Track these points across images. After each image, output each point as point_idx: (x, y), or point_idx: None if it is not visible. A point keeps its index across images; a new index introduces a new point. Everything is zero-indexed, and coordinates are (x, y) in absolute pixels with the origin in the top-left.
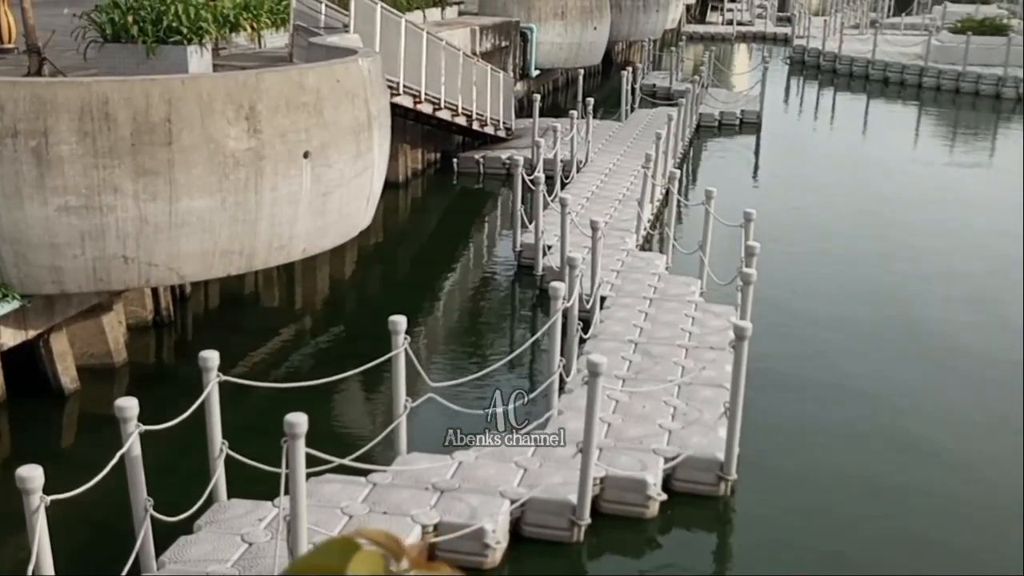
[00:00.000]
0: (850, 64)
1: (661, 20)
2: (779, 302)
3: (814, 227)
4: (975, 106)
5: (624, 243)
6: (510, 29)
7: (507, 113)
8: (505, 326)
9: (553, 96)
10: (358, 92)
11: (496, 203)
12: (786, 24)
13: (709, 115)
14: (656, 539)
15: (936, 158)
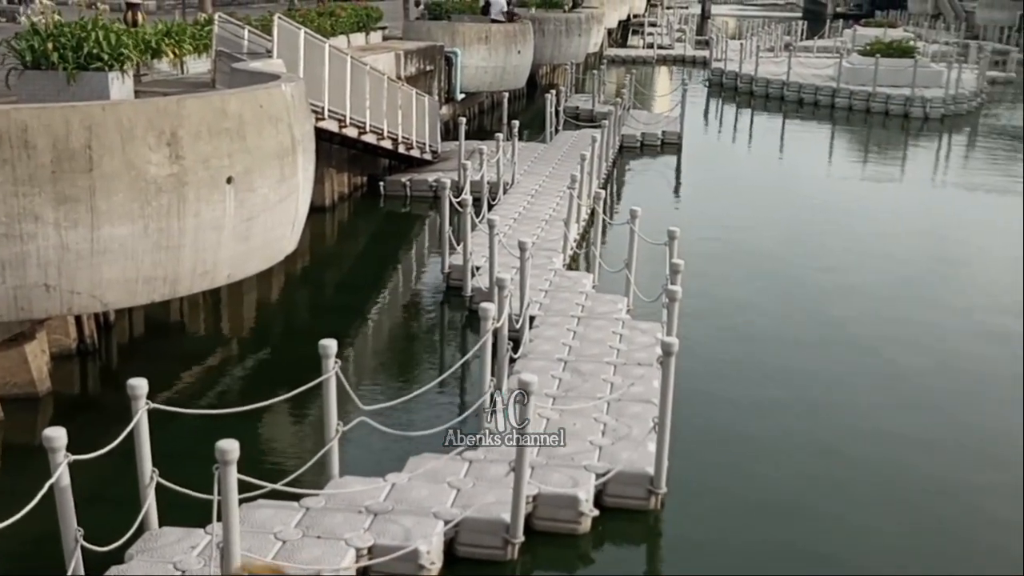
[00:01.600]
0: (766, 86)
1: (583, 44)
2: (705, 317)
3: (737, 243)
4: (885, 125)
5: (552, 263)
6: (435, 53)
7: (433, 136)
8: (435, 347)
9: (479, 119)
10: (281, 117)
11: (424, 225)
12: (704, 47)
13: (631, 136)
14: (589, 554)
15: (850, 174)
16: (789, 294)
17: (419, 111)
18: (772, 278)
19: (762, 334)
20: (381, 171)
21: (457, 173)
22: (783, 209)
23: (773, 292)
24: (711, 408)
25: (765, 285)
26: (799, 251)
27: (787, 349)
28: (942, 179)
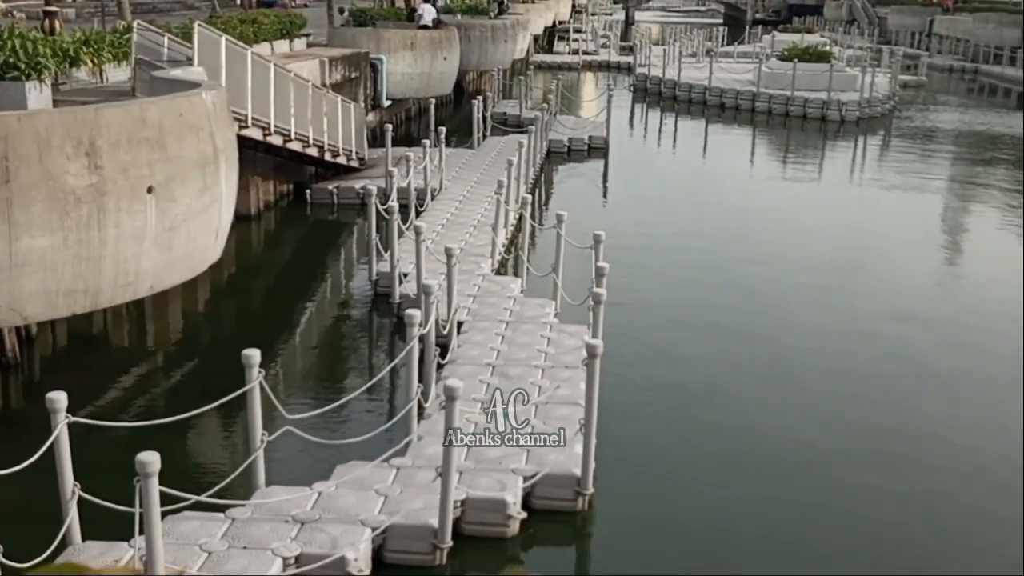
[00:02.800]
0: (689, 91)
1: (510, 50)
2: (632, 319)
3: (663, 244)
4: (803, 128)
5: (480, 268)
6: (360, 60)
7: (359, 143)
8: (363, 355)
9: (406, 125)
10: (202, 125)
11: (351, 233)
12: (629, 53)
13: (559, 141)
14: (518, 556)
15: (772, 175)
16: (714, 293)
17: (345, 118)
18: (697, 278)
19: (688, 333)
20: (307, 179)
21: (384, 180)
22: (708, 211)
23: (698, 292)
24: (638, 408)
25: (691, 285)
26: (724, 251)
27: (713, 348)
28: (859, 179)
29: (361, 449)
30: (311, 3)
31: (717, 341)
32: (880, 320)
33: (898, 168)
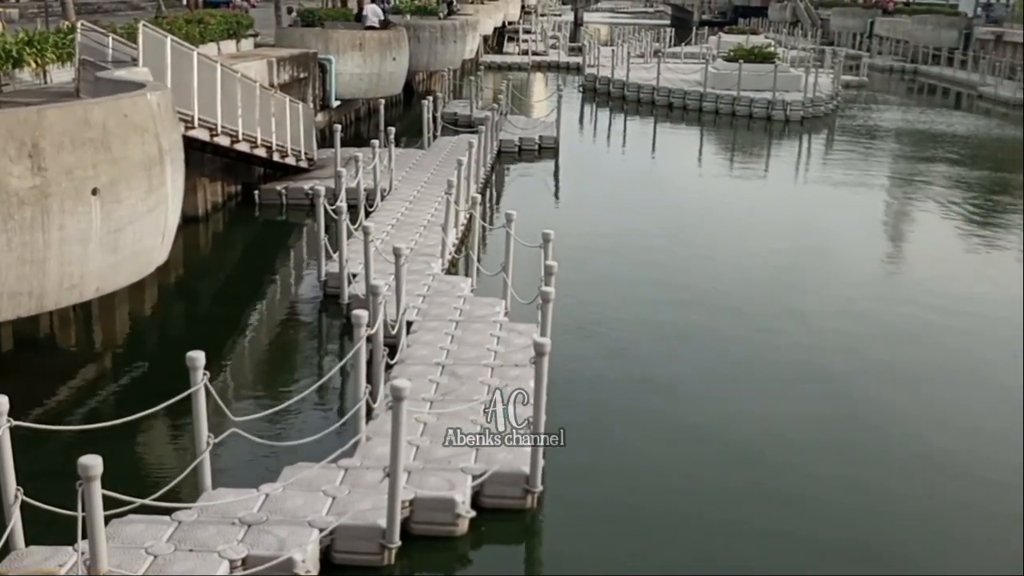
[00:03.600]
0: (637, 91)
1: (459, 51)
2: (582, 316)
3: (614, 243)
4: (749, 127)
5: (430, 268)
6: (308, 60)
7: (308, 144)
8: (312, 356)
9: (355, 126)
10: (147, 126)
11: (301, 234)
12: (578, 54)
13: (509, 141)
14: (467, 555)
15: (719, 174)
16: (664, 290)
17: (293, 118)
18: (648, 275)
19: (638, 330)
20: (256, 180)
21: (333, 180)
22: (657, 209)
23: (648, 289)
24: (588, 405)
25: (641, 282)
26: (673, 249)
27: (663, 344)
28: (804, 177)
29: (309, 450)
30: (258, 3)
31: (667, 337)
32: (827, 313)
33: (842, 166)
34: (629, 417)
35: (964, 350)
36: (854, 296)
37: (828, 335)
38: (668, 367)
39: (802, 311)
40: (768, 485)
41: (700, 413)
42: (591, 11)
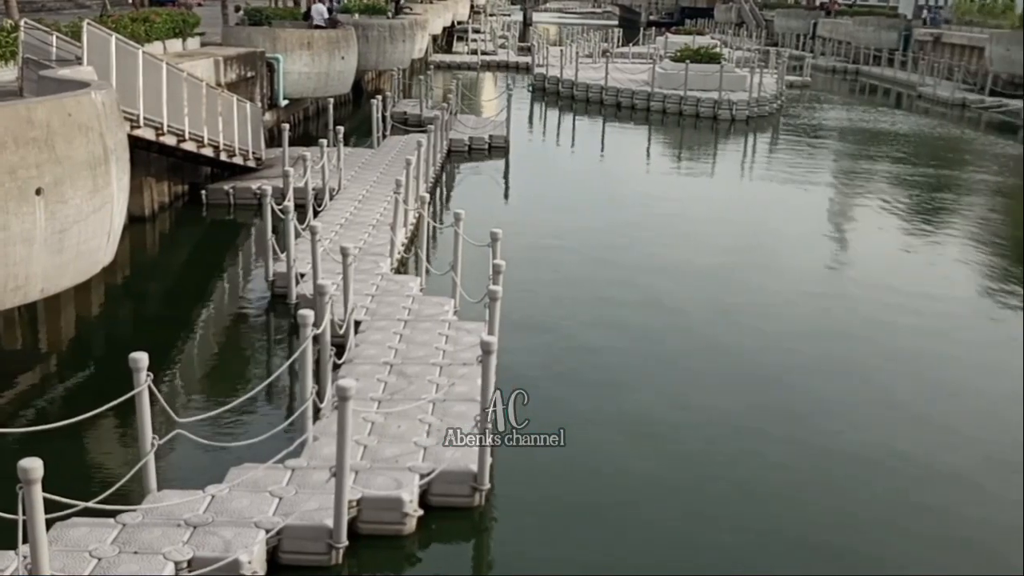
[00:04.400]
0: (586, 90)
1: (408, 50)
2: (530, 314)
3: (564, 240)
4: (696, 126)
5: (378, 267)
6: (256, 59)
7: (256, 143)
8: (259, 356)
9: (304, 125)
10: (92, 125)
11: (248, 234)
12: (527, 54)
13: (459, 140)
14: (415, 554)
15: (667, 172)
16: (612, 287)
17: (240, 118)
18: (596, 273)
19: (587, 327)
20: (203, 179)
21: (282, 180)
22: (607, 207)
23: (597, 286)
24: (536, 402)
25: (590, 280)
26: (622, 247)
27: (611, 341)
28: (750, 175)
29: (255, 451)
30: (205, 2)
31: (616, 334)
32: (771, 309)
33: (787, 164)
34: (578, 414)
35: (906, 343)
36: (799, 292)
37: (772, 330)
38: (617, 364)
39: (748, 307)
40: (719, 481)
41: (649, 409)
42: (540, 11)
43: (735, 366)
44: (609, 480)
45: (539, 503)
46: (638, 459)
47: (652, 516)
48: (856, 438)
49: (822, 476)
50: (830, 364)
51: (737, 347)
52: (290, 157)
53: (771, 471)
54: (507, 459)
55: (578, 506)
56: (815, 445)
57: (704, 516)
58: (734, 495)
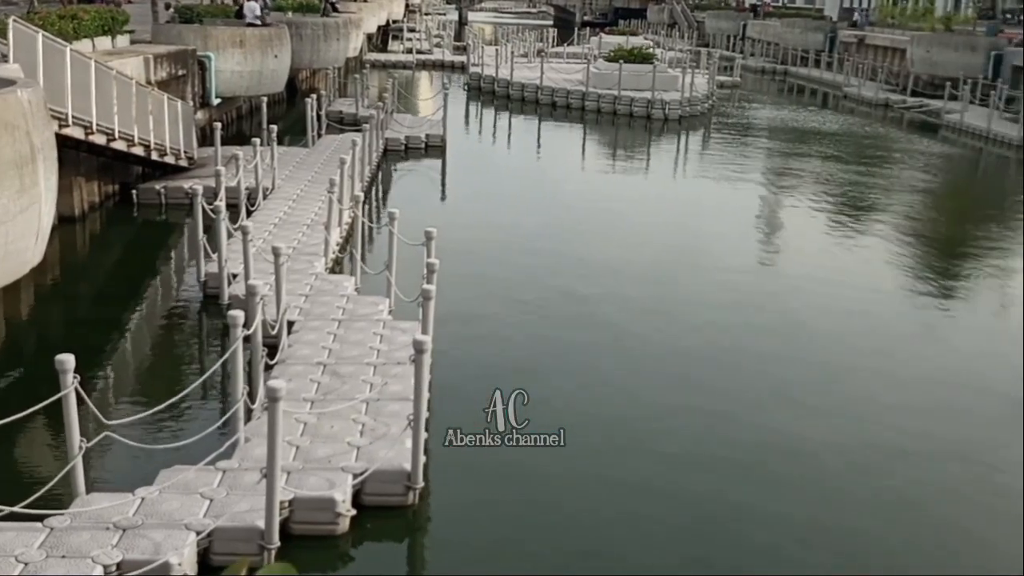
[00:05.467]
0: (522, 90)
1: (343, 48)
2: (467, 312)
3: (500, 239)
4: (630, 126)
5: (313, 267)
6: (187, 57)
7: (188, 142)
8: (190, 358)
9: (237, 124)
10: (18, 124)
11: (181, 234)
12: (462, 53)
13: (395, 139)
14: (348, 553)
15: (603, 170)
16: (548, 285)
17: (172, 116)
18: (533, 271)
19: (522, 325)
20: (134, 179)
21: (214, 179)
22: (543, 205)
23: (533, 284)
24: (470, 400)
25: (526, 278)
26: (558, 245)
27: (546, 337)
28: (683, 172)
29: (186, 453)
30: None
31: (550, 331)
32: (702, 303)
33: (719, 162)
34: (513, 411)
35: (833, 335)
36: (730, 286)
37: (707, 325)
38: (551, 361)
39: (681, 300)
40: (652, 478)
41: (582, 405)
42: (475, 11)
43: (667, 360)
44: (544, 478)
45: (474, 501)
46: (572, 457)
47: (588, 516)
48: (783, 427)
49: (757, 471)
50: (760, 355)
51: (669, 342)
52: (223, 156)
53: (708, 470)
54: (442, 458)
55: (513, 505)
56: (745, 437)
57: (638, 514)
58: (670, 494)
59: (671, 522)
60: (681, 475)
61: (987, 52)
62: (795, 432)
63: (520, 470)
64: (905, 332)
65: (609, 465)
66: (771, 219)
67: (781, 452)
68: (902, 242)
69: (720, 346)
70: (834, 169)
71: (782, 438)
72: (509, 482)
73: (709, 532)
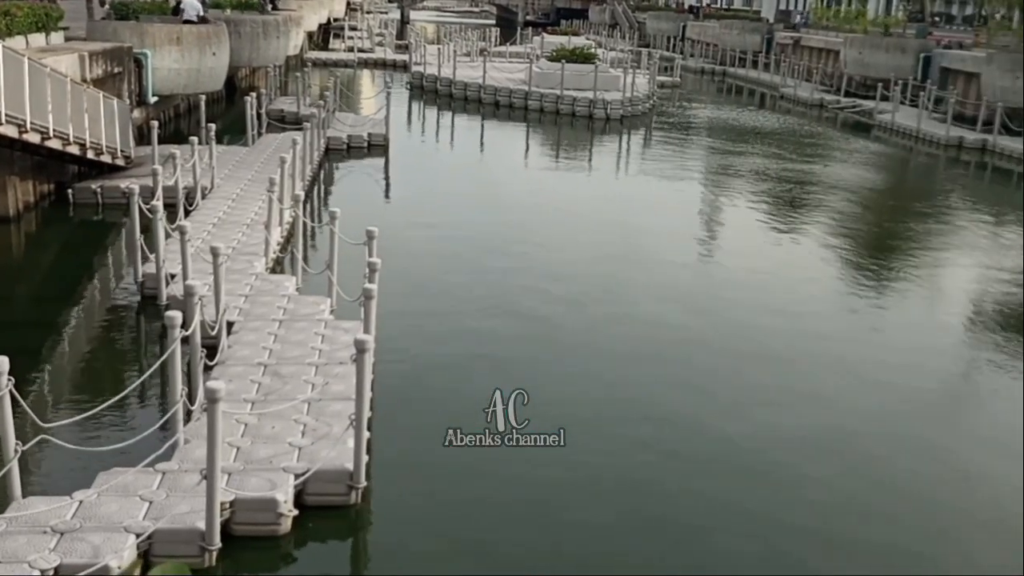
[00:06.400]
0: (464, 89)
1: (283, 46)
2: (409, 311)
3: (444, 237)
4: (573, 125)
5: (253, 267)
6: (123, 55)
7: (124, 141)
8: (129, 359)
9: (175, 122)
10: None
11: (118, 234)
12: (404, 52)
13: (337, 138)
14: (291, 554)
15: (545, 169)
16: (490, 283)
17: (108, 115)
18: (475, 269)
19: (464, 323)
20: (70, 178)
21: (151, 179)
22: (486, 204)
23: (476, 283)
24: (413, 399)
25: (469, 277)
26: (501, 243)
27: (487, 334)
28: (625, 171)
29: (125, 455)
30: None
31: (491, 328)
32: (642, 298)
33: (660, 160)
34: (456, 409)
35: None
36: (670, 281)
37: (644, 319)
38: (495, 359)
39: (621, 296)
40: (593, 473)
41: (525, 401)
42: (418, 9)
43: (606, 355)
44: (489, 476)
45: (417, 500)
46: (517, 454)
47: (531, 513)
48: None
49: (690, 464)
50: (700, 347)
51: (609, 337)
52: (160, 155)
53: (652, 466)
54: (385, 456)
55: (457, 504)
56: (685, 429)
57: (574, 510)
58: (609, 491)
59: (635, 525)
60: (640, 476)
61: (916, 54)
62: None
63: (465, 470)
64: (847, 325)
65: (546, 464)
66: (711, 215)
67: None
68: (838, 237)
69: (664, 341)
70: (772, 167)
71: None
72: (453, 480)
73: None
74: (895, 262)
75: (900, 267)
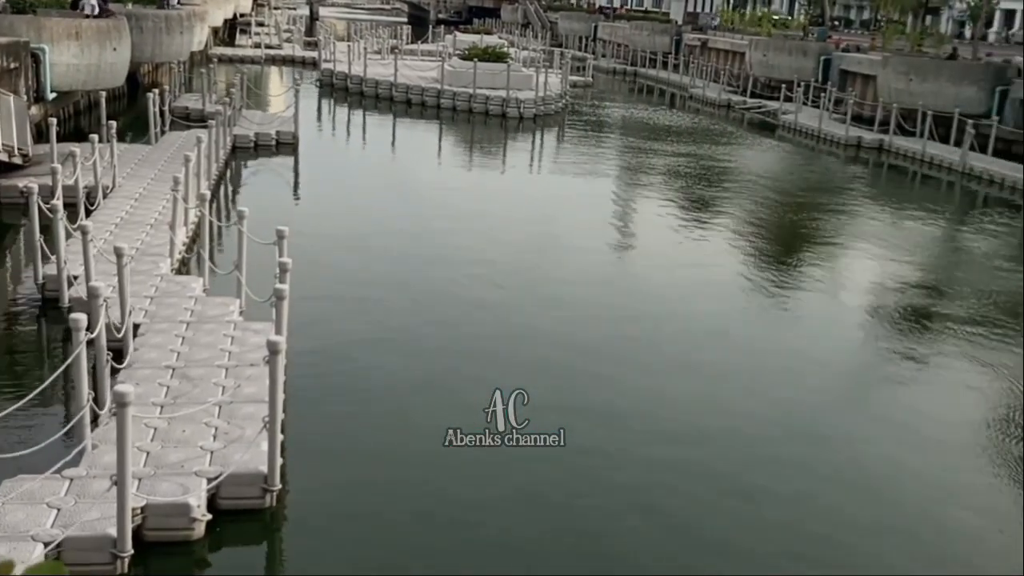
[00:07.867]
0: (375, 87)
1: (187, 42)
2: (321, 312)
3: (355, 236)
4: (486, 123)
5: (158, 268)
6: (19, 49)
7: (21, 138)
8: (30, 363)
9: (76, 119)
10: None
11: (17, 234)
12: (313, 48)
13: (245, 136)
14: (205, 558)
15: (459, 167)
16: (402, 283)
17: (3, 111)
18: (388, 269)
19: (377, 323)
20: None
21: (50, 177)
22: (398, 203)
23: (388, 282)
24: (328, 400)
25: (381, 276)
26: (413, 242)
27: (401, 335)
28: (538, 169)
29: (30, 462)
30: None
31: (405, 328)
32: (561, 291)
33: (573, 158)
34: (366, 411)
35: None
36: (586, 277)
37: (565, 311)
38: (406, 359)
39: (539, 291)
40: (515, 471)
41: (441, 403)
42: (327, 6)
43: (525, 349)
44: (404, 478)
45: (332, 501)
46: (432, 456)
47: (448, 514)
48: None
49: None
50: (617, 342)
51: (528, 330)
52: (59, 153)
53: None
54: (299, 459)
55: (374, 505)
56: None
57: (497, 511)
58: (535, 487)
59: (559, 526)
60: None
61: (817, 57)
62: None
63: (382, 473)
64: (756, 312)
65: (472, 463)
66: (624, 211)
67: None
68: (745, 231)
69: (582, 333)
70: (681, 164)
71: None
72: (368, 483)
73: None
74: (801, 253)
75: (804, 257)
